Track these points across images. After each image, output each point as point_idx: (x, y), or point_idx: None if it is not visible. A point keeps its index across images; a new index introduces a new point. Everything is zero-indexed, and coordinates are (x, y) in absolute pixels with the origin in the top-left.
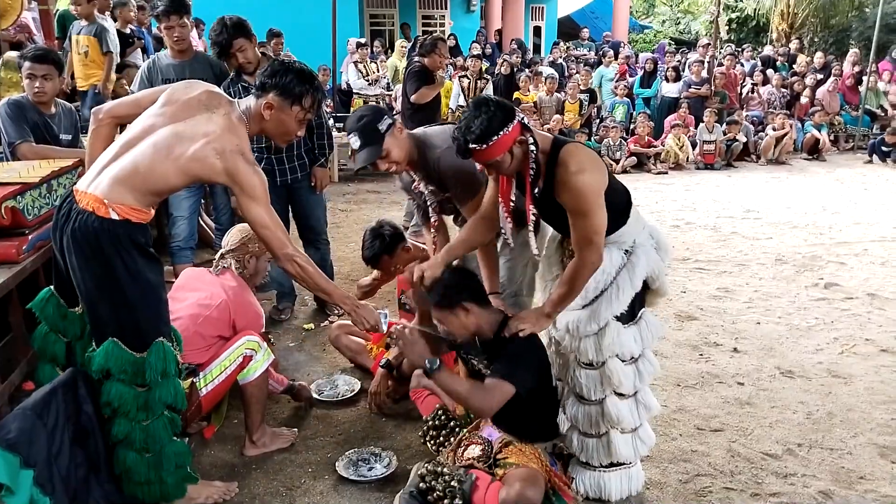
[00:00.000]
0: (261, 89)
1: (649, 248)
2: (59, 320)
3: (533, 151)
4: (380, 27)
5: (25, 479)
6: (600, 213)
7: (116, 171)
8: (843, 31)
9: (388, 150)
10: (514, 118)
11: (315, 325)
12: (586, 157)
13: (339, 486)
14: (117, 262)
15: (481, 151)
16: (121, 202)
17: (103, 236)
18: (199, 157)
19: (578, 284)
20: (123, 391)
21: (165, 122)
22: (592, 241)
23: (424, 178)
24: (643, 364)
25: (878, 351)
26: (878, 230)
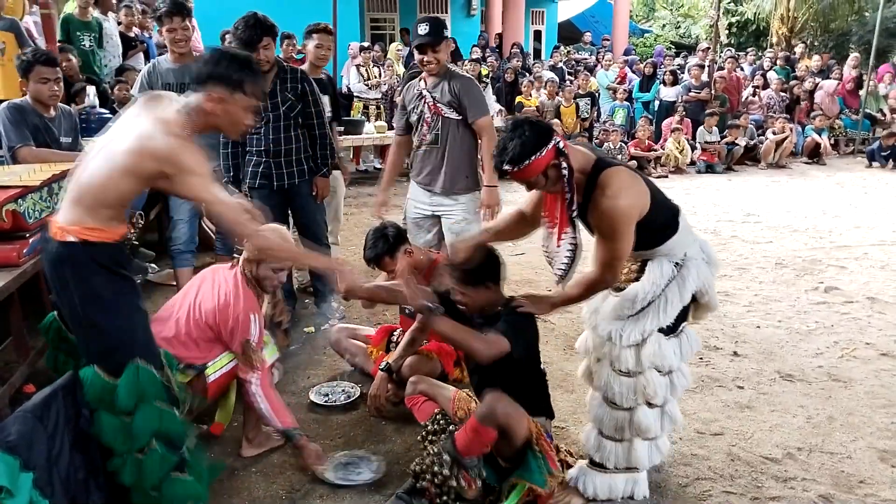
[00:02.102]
0: (199, 82)
1: (700, 262)
2: (62, 344)
3: (565, 176)
4: (380, 31)
5: (25, 482)
6: (627, 240)
7: (71, 193)
8: (843, 35)
9: (440, 49)
10: (549, 142)
11: (315, 328)
12: (625, 183)
13: (338, 490)
14: (80, 286)
15: (515, 172)
16: (76, 223)
17: (65, 262)
18: (133, 149)
19: (589, 294)
20: (107, 420)
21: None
22: (612, 265)
23: (442, 89)
24: (677, 377)
25: (879, 355)
26: (878, 234)
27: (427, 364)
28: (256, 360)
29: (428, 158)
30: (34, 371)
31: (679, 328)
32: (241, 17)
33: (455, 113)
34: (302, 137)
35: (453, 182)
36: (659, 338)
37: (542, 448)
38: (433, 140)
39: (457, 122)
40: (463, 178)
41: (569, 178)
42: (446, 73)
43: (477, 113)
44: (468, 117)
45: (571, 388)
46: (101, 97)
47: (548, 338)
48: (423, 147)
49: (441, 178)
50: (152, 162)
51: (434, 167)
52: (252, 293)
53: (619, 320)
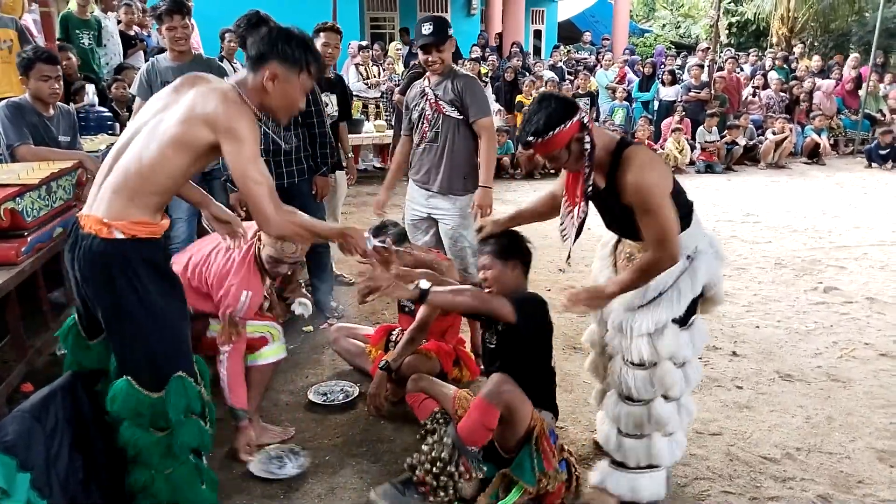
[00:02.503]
0: (259, 60)
1: (710, 256)
2: (81, 352)
3: (587, 149)
4: (380, 30)
5: (22, 483)
6: (667, 209)
7: (111, 182)
8: (843, 36)
9: (445, 48)
10: (574, 116)
11: (314, 327)
12: (649, 157)
13: (336, 490)
14: (127, 288)
15: (539, 144)
16: (123, 217)
17: (110, 260)
18: (184, 117)
19: (648, 278)
20: (140, 436)
21: (149, 118)
22: (665, 240)
23: (445, 88)
24: (690, 369)
25: (878, 355)
26: (877, 234)
27: (426, 363)
28: (233, 335)
29: (427, 156)
30: (32, 370)
31: (690, 320)
32: (244, 14)
33: (457, 112)
34: (301, 136)
35: (451, 182)
36: (675, 329)
37: (540, 446)
38: (433, 137)
39: (458, 122)
40: (461, 178)
41: (590, 152)
42: (450, 72)
43: (478, 113)
44: (469, 116)
45: (570, 388)
46: (101, 96)
47: None
48: (423, 144)
49: (439, 176)
50: (204, 129)
51: (432, 165)
52: (257, 273)
53: (630, 311)
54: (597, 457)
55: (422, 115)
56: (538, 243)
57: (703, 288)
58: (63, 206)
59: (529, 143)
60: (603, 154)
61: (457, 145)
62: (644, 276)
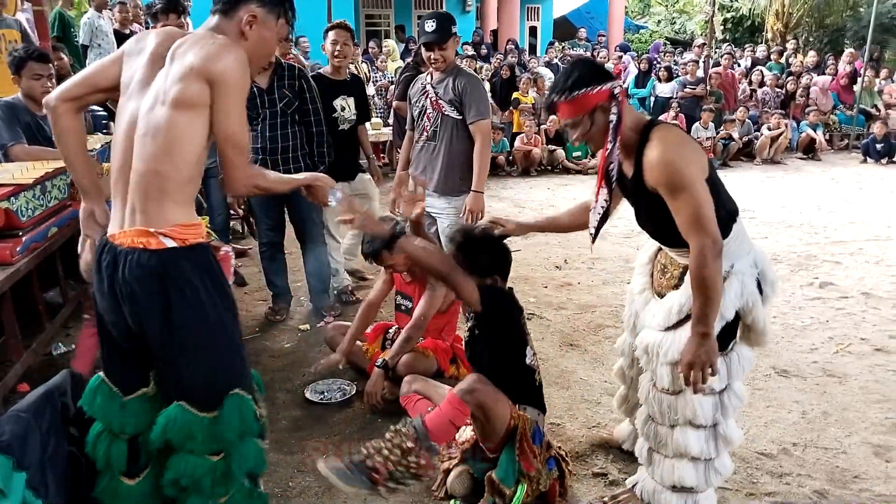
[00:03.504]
0: (232, 3)
1: (748, 277)
2: (116, 413)
3: (612, 121)
4: (375, 28)
5: (18, 482)
6: (699, 187)
7: (139, 187)
8: (838, 31)
9: (448, 46)
10: (606, 83)
11: (311, 325)
12: (679, 136)
13: (333, 488)
14: (181, 302)
15: (563, 104)
16: (168, 222)
17: (164, 273)
18: (180, 75)
19: (708, 284)
20: (196, 464)
21: (139, 102)
22: (700, 217)
23: (445, 86)
24: (728, 397)
25: (873, 350)
26: (872, 229)
27: (423, 361)
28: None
29: (424, 154)
30: (28, 370)
31: (729, 346)
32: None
33: (456, 112)
34: (299, 134)
35: (447, 181)
36: None
37: (520, 447)
38: (431, 136)
39: (457, 122)
40: (457, 179)
41: (615, 125)
42: (453, 70)
43: (475, 115)
44: (466, 118)
45: (567, 384)
46: None
47: (544, 335)
48: (422, 142)
49: (436, 175)
50: (205, 78)
51: (429, 164)
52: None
53: (656, 332)
54: (594, 454)
55: (423, 111)
56: (535, 240)
57: (738, 313)
58: (58, 206)
59: (553, 104)
60: (631, 134)
61: (455, 145)
62: (702, 282)
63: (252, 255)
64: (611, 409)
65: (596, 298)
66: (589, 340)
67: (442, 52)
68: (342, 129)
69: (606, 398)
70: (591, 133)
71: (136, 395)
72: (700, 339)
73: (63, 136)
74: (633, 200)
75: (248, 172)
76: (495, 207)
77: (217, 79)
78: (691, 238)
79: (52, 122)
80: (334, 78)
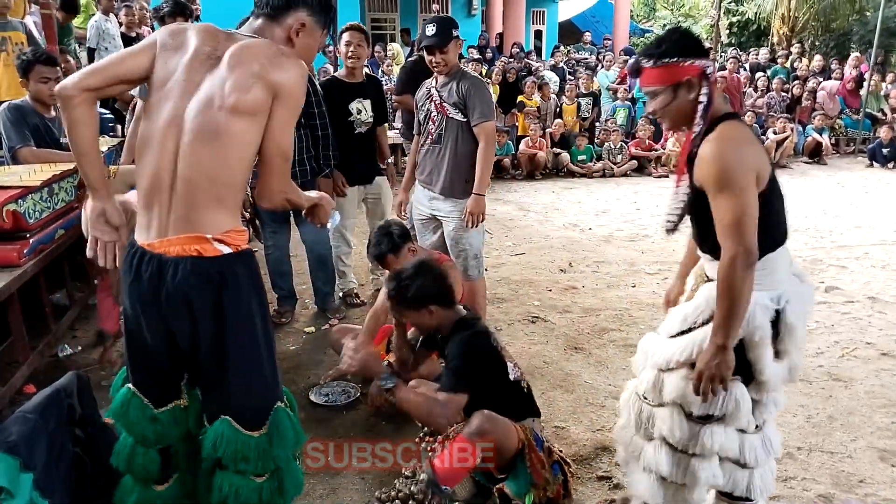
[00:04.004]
0: (285, 8)
1: (760, 308)
2: (148, 425)
3: (702, 102)
4: (381, 31)
5: (25, 483)
6: (748, 192)
7: (189, 193)
8: (844, 35)
9: (449, 50)
10: (699, 58)
11: (316, 328)
12: (743, 134)
13: (338, 490)
14: (236, 310)
15: (648, 71)
16: (224, 228)
17: (221, 280)
18: (244, 82)
19: (734, 294)
20: (240, 485)
21: (185, 103)
22: (738, 226)
23: (450, 89)
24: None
25: (879, 354)
26: (878, 234)
27: (428, 364)
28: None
29: (430, 157)
30: (34, 372)
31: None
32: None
33: (460, 114)
34: (304, 138)
35: (452, 184)
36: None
37: (530, 461)
38: (437, 139)
39: (461, 124)
40: (462, 181)
41: (706, 107)
42: (457, 73)
43: (479, 117)
44: (471, 120)
45: (571, 388)
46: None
47: (548, 338)
48: (427, 145)
49: (441, 178)
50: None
51: (435, 167)
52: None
53: (657, 337)
54: (598, 457)
55: (427, 115)
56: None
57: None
58: (65, 208)
59: (638, 67)
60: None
61: (460, 148)
62: (728, 291)
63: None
64: (615, 412)
65: (601, 302)
66: (593, 344)
67: (443, 56)
68: (359, 133)
69: (611, 401)
70: (669, 109)
71: (168, 407)
72: (716, 350)
73: (77, 128)
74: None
75: (286, 183)
76: (500, 211)
77: (281, 90)
78: (725, 243)
79: (65, 111)
80: (349, 81)
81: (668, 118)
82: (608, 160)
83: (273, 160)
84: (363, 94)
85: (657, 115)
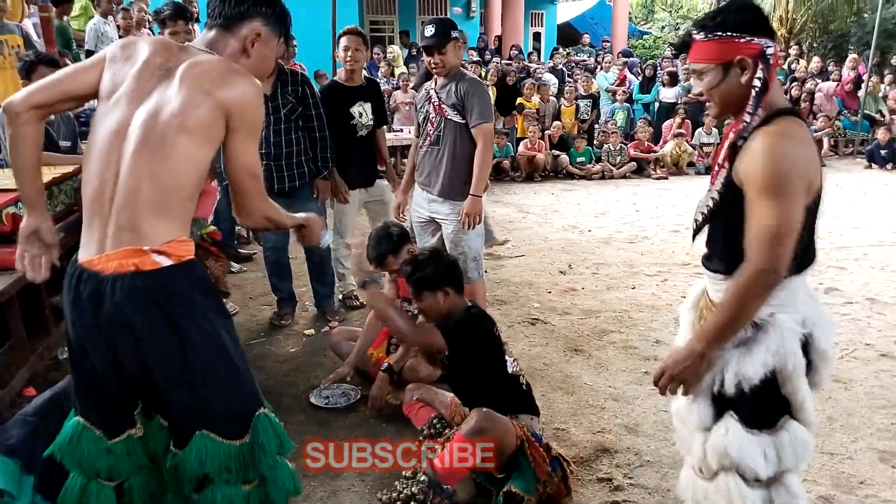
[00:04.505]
0: (238, 18)
1: (790, 334)
2: (102, 459)
3: (757, 87)
4: (380, 34)
5: (26, 486)
6: (796, 202)
7: (133, 203)
8: (842, 37)
9: (447, 51)
10: (761, 37)
11: (316, 330)
12: (806, 137)
13: (339, 492)
14: (189, 325)
15: (697, 44)
16: (165, 238)
17: (163, 295)
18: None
19: (740, 304)
20: (231, 495)
21: (132, 112)
22: (774, 239)
23: (448, 91)
24: (777, 491)
25: (878, 355)
26: (877, 235)
27: (427, 366)
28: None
29: (428, 159)
30: (34, 374)
31: (777, 421)
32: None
33: (459, 116)
34: (302, 140)
35: (451, 186)
36: (730, 426)
37: (531, 456)
38: (435, 140)
39: (460, 126)
40: (461, 183)
41: (760, 93)
42: (456, 75)
43: (477, 118)
44: (469, 122)
45: (572, 390)
46: None
47: (548, 340)
48: (426, 147)
49: (440, 180)
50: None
51: (433, 169)
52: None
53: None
54: (598, 459)
55: (426, 117)
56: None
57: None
58: (65, 211)
59: (688, 40)
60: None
61: (458, 150)
62: (736, 298)
63: (257, 260)
64: (615, 413)
65: (600, 303)
66: (593, 346)
67: (441, 57)
68: (360, 136)
69: (611, 403)
70: (717, 91)
71: (122, 437)
72: (693, 354)
73: (20, 145)
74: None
75: (263, 203)
76: (499, 213)
77: (232, 109)
78: (753, 254)
79: (11, 127)
80: (349, 85)
81: (715, 103)
82: (607, 162)
83: (242, 181)
84: (363, 97)
85: (703, 97)
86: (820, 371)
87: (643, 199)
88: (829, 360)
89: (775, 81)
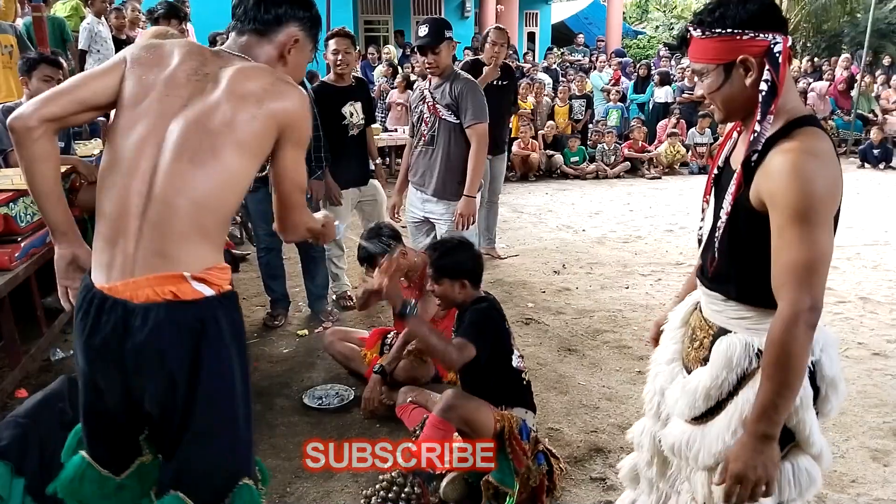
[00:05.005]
0: (276, 22)
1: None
2: (111, 497)
3: (763, 90)
4: (374, 33)
5: (17, 488)
6: (828, 229)
7: (170, 222)
8: (836, 37)
9: (441, 50)
10: (765, 31)
11: (309, 331)
12: (831, 152)
13: (332, 493)
14: (216, 363)
15: (696, 41)
16: (206, 264)
17: (203, 330)
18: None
19: (792, 363)
20: None
21: (166, 122)
22: (810, 271)
23: (443, 91)
24: None
25: (871, 354)
26: (870, 234)
27: (421, 367)
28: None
29: (422, 159)
30: (26, 376)
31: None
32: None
33: (453, 116)
34: None
35: (445, 186)
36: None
37: (510, 446)
38: (429, 141)
39: (454, 126)
40: (455, 183)
41: (767, 98)
42: (451, 75)
43: (471, 118)
44: (463, 122)
45: (566, 389)
46: None
47: (542, 339)
48: (420, 147)
49: (434, 180)
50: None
51: (427, 168)
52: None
53: (684, 424)
54: (592, 459)
55: (420, 117)
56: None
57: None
58: None
59: (686, 36)
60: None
61: (452, 150)
62: (785, 358)
63: (250, 261)
64: (609, 413)
65: (594, 303)
66: (587, 345)
67: (435, 57)
68: (352, 135)
69: (605, 403)
70: (719, 94)
71: (132, 469)
72: (758, 441)
73: (37, 165)
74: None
75: (307, 216)
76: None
77: (286, 123)
78: (787, 291)
79: (23, 147)
80: (340, 85)
81: (718, 107)
82: (601, 162)
83: (291, 197)
84: (354, 97)
85: (707, 100)
86: (830, 400)
87: (637, 198)
88: (839, 389)
89: (788, 82)
